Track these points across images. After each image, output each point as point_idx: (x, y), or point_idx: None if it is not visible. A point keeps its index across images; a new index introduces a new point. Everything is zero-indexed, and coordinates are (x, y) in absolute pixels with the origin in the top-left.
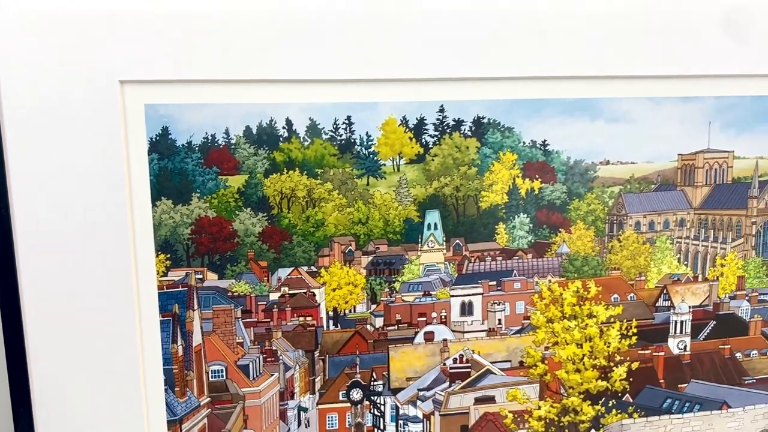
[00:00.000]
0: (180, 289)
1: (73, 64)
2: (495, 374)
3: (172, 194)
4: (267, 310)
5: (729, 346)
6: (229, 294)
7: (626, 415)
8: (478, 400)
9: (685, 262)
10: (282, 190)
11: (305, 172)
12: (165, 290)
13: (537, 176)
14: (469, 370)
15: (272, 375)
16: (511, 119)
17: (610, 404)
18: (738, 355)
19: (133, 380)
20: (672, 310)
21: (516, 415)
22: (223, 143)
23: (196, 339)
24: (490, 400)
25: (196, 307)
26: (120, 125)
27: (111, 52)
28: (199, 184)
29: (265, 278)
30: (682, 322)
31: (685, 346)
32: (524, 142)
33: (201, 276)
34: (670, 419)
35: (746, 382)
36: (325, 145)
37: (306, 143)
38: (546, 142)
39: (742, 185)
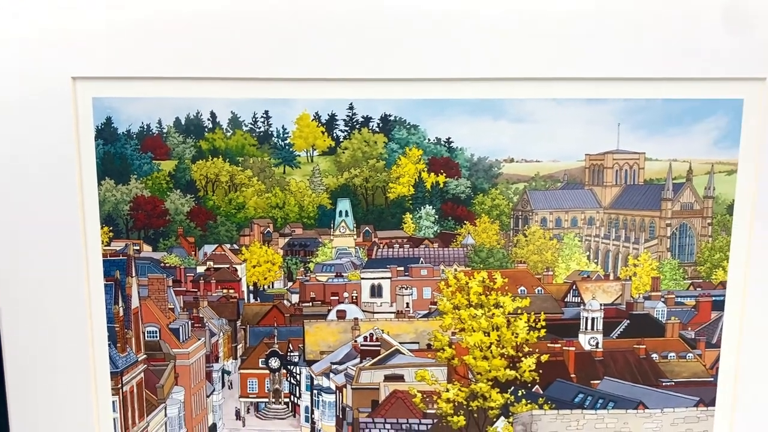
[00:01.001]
0: (121, 257)
1: (32, 63)
2: (404, 354)
3: (114, 175)
4: (194, 281)
5: (644, 347)
6: (162, 265)
7: (536, 406)
8: (388, 378)
9: (595, 260)
10: (207, 175)
11: (228, 159)
12: (108, 258)
13: (442, 171)
14: (378, 348)
15: (199, 339)
16: (416, 117)
17: (519, 393)
18: (654, 356)
19: (82, 335)
20: (582, 307)
21: (425, 396)
22: (157, 132)
23: (134, 302)
24: (399, 378)
25: (134, 274)
26: (71, 114)
27: (65, 52)
28: (136, 167)
29: (193, 253)
30: (593, 318)
31: (597, 343)
32: (429, 139)
33: (138, 248)
34: (583, 414)
35: (664, 384)
36: (245, 136)
37: (228, 134)
38: (450, 140)
39: (654, 187)
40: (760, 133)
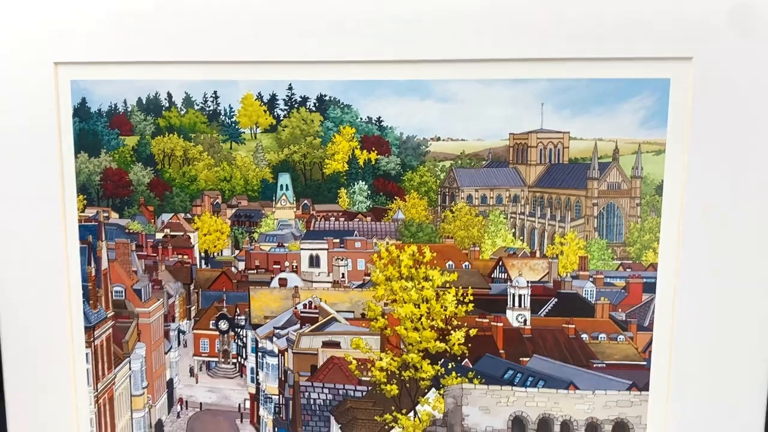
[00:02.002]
0: (93, 223)
1: (19, 50)
2: (339, 322)
3: (88, 149)
4: (154, 246)
5: (573, 326)
6: (127, 231)
7: (466, 380)
8: (326, 344)
9: (521, 238)
10: (164, 150)
11: (182, 135)
12: (83, 223)
13: (373, 148)
14: (317, 315)
15: (158, 300)
16: (349, 98)
17: (449, 366)
18: (584, 336)
19: (60, 292)
20: (509, 283)
21: (360, 363)
22: (122, 111)
23: (104, 264)
24: (336, 345)
25: (104, 238)
26: (53, 95)
27: (49, 41)
28: (105, 142)
29: (153, 220)
30: (520, 295)
31: (525, 320)
32: (361, 118)
33: (107, 214)
34: (513, 390)
35: (595, 365)
36: (197, 114)
37: (182, 112)
38: (381, 119)
39: (579, 166)
40: (687, 113)
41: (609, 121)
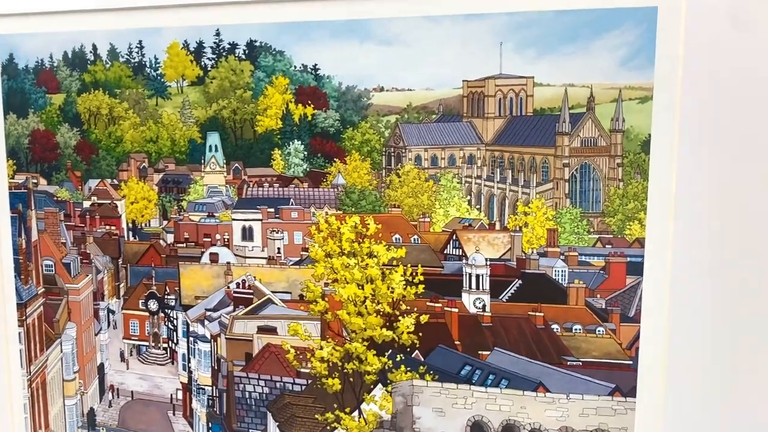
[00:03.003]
0: (23, 191)
1: None
2: (276, 305)
3: (16, 110)
4: (82, 216)
5: (542, 314)
6: (55, 198)
7: (417, 375)
8: (261, 329)
9: (478, 206)
10: (90, 108)
11: (107, 92)
12: (13, 191)
13: (309, 102)
14: (251, 296)
15: (87, 275)
16: (281, 43)
17: (397, 358)
18: (555, 327)
19: None
20: (464, 261)
21: (298, 352)
22: (48, 66)
23: (34, 235)
24: (272, 331)
25: (33, 207)
26: None
27: None
28: (33, 101)
29: (80, 187)
30: (477, 275)
31: (484, 305)
32: (295, 66)
33: (36, 181)
34: (471, 390)
35: (569, 363)
36: (122, 67)
37: (107, 65)
38: (317, 66)
39: (546, 118)
40: (679, 49)
41: (582, 61)
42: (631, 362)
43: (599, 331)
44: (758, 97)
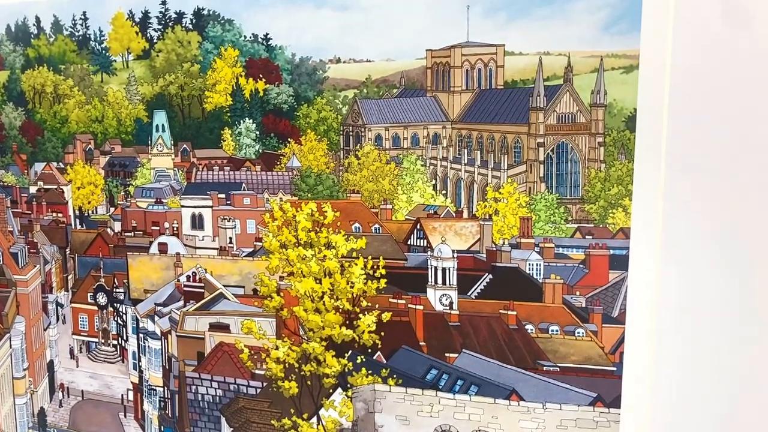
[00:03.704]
0: None
1: None
2: (229, 300)
3: None
4: (28, 202)
5: (514, 313)
6: (1, 184)
7: (379, 379)
8: (213, 327)
9: (444, 191)
10: (35, 86)
11: (51, 68)
12: None
13: (261, 76)
14: (202, 290)
15: (35, 266)
16: (230, 11)
17: (358, 360)
18: (530, 328)
19: None
20: (430, 252)
21: (252, 352)
22: None
23: None
24: (225, 328)
25: None
26: None
27: None
28: None
29: (26, 171)
30: (444, 269)
31: (451, 303)
32: (245, 36)
33: None
34: (437, 397)
35: (545, 368)
36: (66, 41)
37: (51, 39)
38: (268, 36)
39: (519, 91)
40: (669, 12)
41: (558, 27)
42: (614, 369)
43: (579, 332)
44: (757, 65)
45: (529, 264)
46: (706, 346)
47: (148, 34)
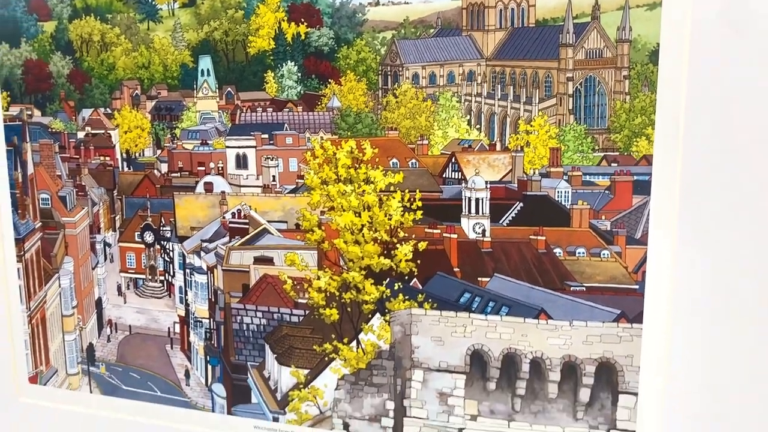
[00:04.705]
0: (17, 123)
1: None
2: (272, 234)
3: (8, 39)
4: (76, 147)
5: (544, 238)
6: (50, 130)
7: (416, 304)
8: (258, 260)
9: (478, 126)
10: (82, 35)
11: (98, 17)
12: (8, 123)
13: (302, 20)
14: (247, 226)
15: (83, 208)
16: None
17: (395, 287)
18: (558, 251)
19: None
20: (464, 184)
21: (295, 282)
22: None
23: (30, 168)
24: (269, 261)
25: (28, 140)
26: None
27: None
28: (25, 30)
29: (74, 117)
30: (477, 199)
31: (484, 230)
32: None
33: (30, 112)
34: (470, 318)
35: (572, 288)
36: None
37: None
38: None
39: (549, 29)
40: None
41: None
42: (637, 287)
43: (604, 254)
44: None
45: (558, 192)
46: (726, 263)
47: None
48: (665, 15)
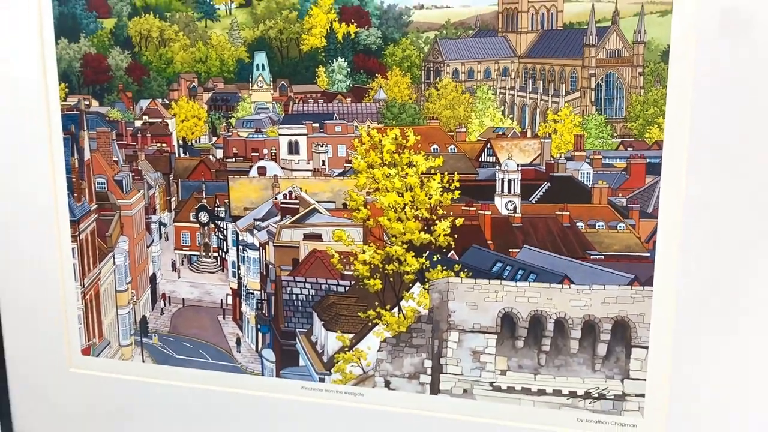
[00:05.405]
0: (75, 112)
1: None
2: (321, 213)
3: (67, 34)
4: (133, 134)
5: (568, 213)
6: (107, 119)
7: (452, 273)
8: (307, 237)
9: (511, 116)
10: (141, 31)
11: (157, 15)
12: (65, 113)
13: (352, 20)
14: (297, 206)
15: (139, 191)
16: None
17: (434, 259)
18: (580, 224)
19: (47, 184)
20: (497, 167)
21: (342, 256)
22: None
23: (86, 154)
24: (318, 237)
25: (85, 128)
26: None
27: None
28: (84, 26)
29: (131, 107)
30: (509, 180)
31: (515, 207)
32: None
33: (88, 102)
34: (502, 285)
35: (592, 257)
36: None
37: None
38: None
39: (575, 31)
40: None
41: None
42: (648, 254)
43: (620, 226)
44: None
45: (581, 173)
46: (727, 233)
47: None
48: (675, 21)
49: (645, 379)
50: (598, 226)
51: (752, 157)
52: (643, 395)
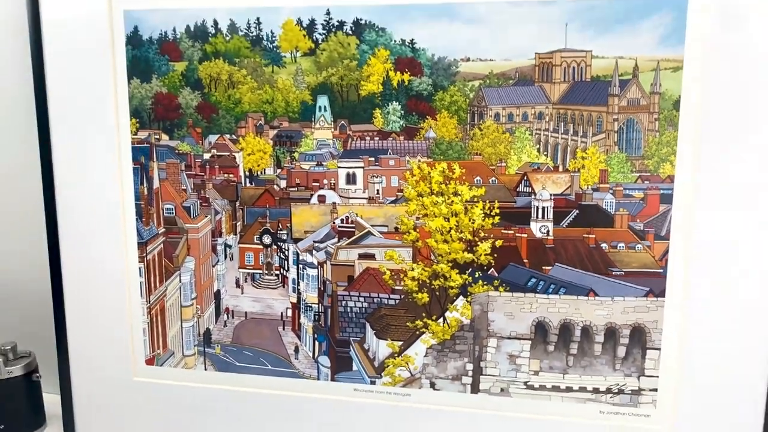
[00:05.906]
0: (145, 145)
1: None
2: (374, 236)
3: (139, 75)
4: (202, 166)
5: (594, 236)
6: (177, 151)
7: (492, 288)
8: (361, 256)
9: (545, 153)
10: (211, 74)
11: (227, 60)
12: (135, 145)
13: (406, 70)
14: (353, 229)
15: (206, 216)
16: (384, 21)
17: (476, 275)
18: (604, 246)
19: (116, 210)
20: (533, 196)
21: (393, 273)
22: (172, 38)
23: (155, 183)
24: (371, 257)
25: (155, 159)
26: (107, 25)
27: None
28: (156, 68)
29: (200, 142)
30: (543, 207)
31: (548, 231)
32: (395, 41)
33: (158, 137)
34: (536, 297)
35: (614, 273)
36: (241, 40)
37: (227, 38)
38: (413, 41)
39: (601, 83)
40: (704, 31)
41: (630, 39)
42: (662, 270)
43: (638, 247)
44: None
45: (605, 202)
46: (731, 252)
47: (314, 37)
48: (685, 76)
49: (657, 376)
50: (619, 247)
51: (752, 188)
52: (655, 390)
